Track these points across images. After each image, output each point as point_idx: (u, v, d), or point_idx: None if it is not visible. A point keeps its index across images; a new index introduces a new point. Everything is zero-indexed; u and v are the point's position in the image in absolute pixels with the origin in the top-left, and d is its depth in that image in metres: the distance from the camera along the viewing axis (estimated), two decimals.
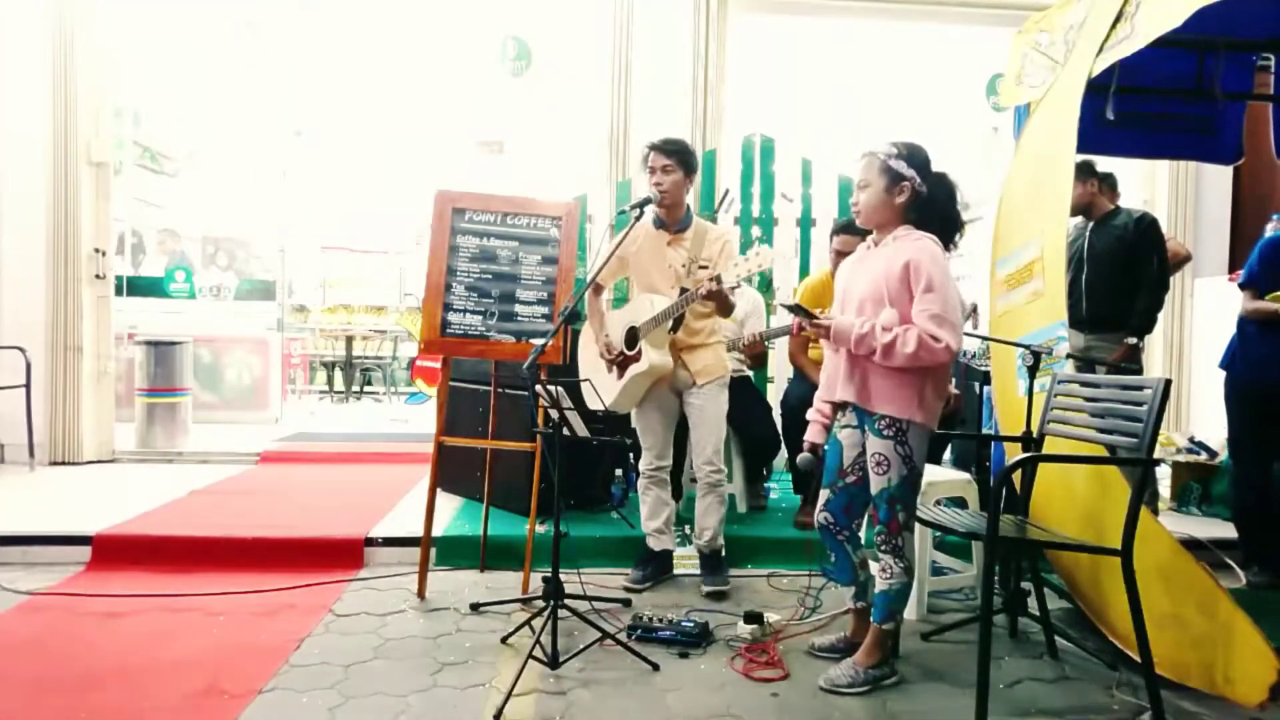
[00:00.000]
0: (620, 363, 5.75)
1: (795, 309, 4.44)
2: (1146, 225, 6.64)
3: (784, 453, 7.24)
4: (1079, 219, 6.91)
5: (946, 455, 7.57)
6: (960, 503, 5.61)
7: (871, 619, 4.49)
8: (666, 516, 6.00)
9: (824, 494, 4.68)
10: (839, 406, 4.64)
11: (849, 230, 6.40)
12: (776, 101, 12.24)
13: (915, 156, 4.38)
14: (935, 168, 4.43)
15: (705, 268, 5.68)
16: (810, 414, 4.74)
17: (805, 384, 6.80)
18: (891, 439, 4.28)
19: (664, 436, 5.94)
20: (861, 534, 4.73)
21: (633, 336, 5.71)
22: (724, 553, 6.01)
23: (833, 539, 4.67)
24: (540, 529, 6.27)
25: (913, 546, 4.41)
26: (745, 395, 6.95)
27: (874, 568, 4.51)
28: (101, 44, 8.93)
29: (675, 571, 6.12)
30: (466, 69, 11.98)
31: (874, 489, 4.37)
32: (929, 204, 4.37)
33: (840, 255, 6.39)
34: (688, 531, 6.71)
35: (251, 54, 13.61)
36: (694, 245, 5.72)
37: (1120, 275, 6.61)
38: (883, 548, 4.37)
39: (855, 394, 4.39)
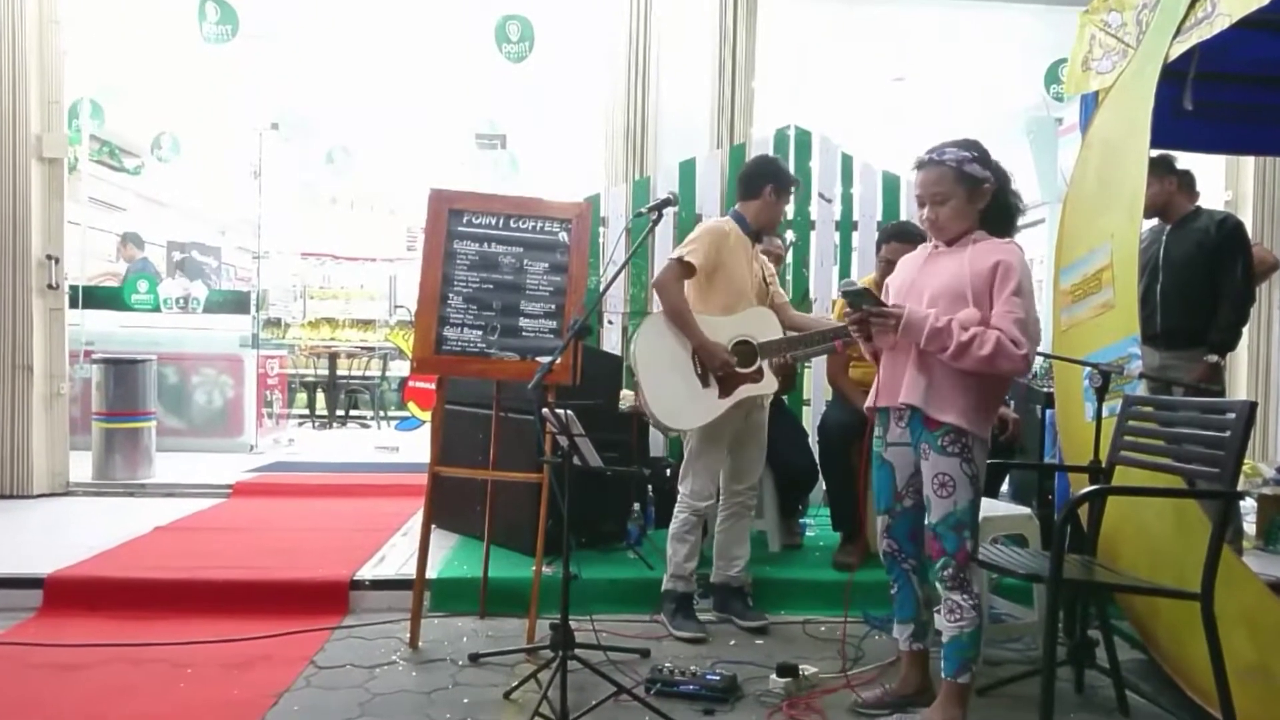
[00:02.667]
0: (731, 379, 5.76)
1: (857, 295, 4.43)
2: (1230, 229, 6.61)
3: (821, 484, 7.25)
4: (1154, 222, 6.89)
5: (1004, 488, 7.58)
6: (1020, 541, 5.61)
7: (944, 675, 4.41)
8: (698, 554, 6.09)
9: (882, 520, 4.69)
10: (885, 421, 4.64)
11: (901, 237, 6.40)
12: (813, 91, 12.25)
13: (985, 155, 4.43)
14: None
15: (770, 281, 6.12)
16: None
17: (846, 409, 6.80)
18: (957, 456, 4.27)
19: (720, 467, 6.05)
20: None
21: (747, 352, 5.78)
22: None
23: (898, 568, 4.70)
24: (548, 570, 6.26)
25: (980, 580, 4.41)
26: (779, 420, 6.88)
27: (939, 619, 4.47)
28: (55, 23, 8.95)
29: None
30: (462, 53, 11.99)
31: (936, 515, 4.35)
32: (1001, 202, 4.45)
33: (889, 265, 6.40)
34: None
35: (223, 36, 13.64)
36: (760, 260, 6.14)
37: (1199, 285, 6.58)
38: (950, 584, 4.34)
39: (921, 396, 4.36)
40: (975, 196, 4.38)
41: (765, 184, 5.99)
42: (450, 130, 16.04)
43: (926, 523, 4.42)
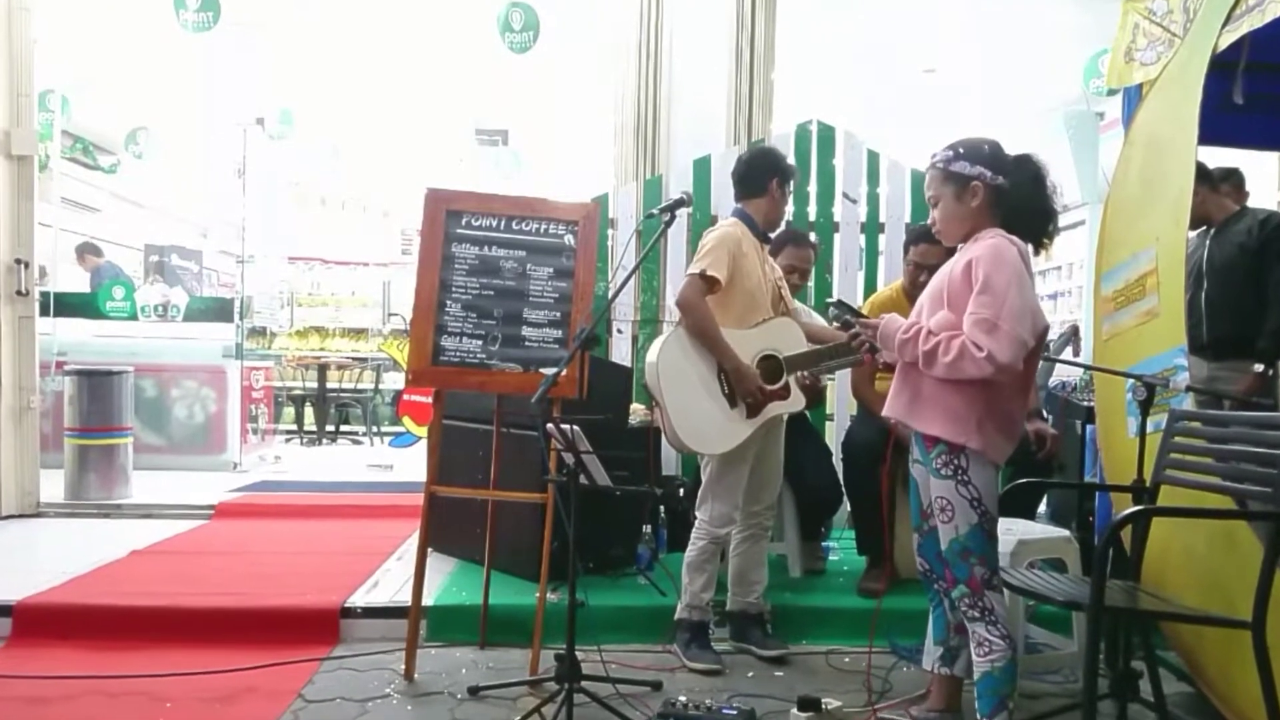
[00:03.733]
0: (761, 400, 5.75)
1: (839, 306, 4.52)
2: (1273, 228, 6.59)
3: (846, 505, 7.24)
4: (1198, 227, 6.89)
5: (1042, 509, 7.57)
6: (1058, 565, 5.61)
7: (979, 715, 4.36)
8: (714, 583, 6.09)
9: (914, 538, 4.73)
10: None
11: (929, 238, 6.37)
12: (837, 84, 12.26)
13: (976, 151, 4.44)
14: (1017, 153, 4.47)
15: (782, 286, 6.11)
16: None
17: (871, 424, 6.76)
18: (951, 478, 4.31)
19: (742, 490, 6.01)
20: None
21: (772, 367, 5.79)
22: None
23: (930, 587, 4.75)
24: (553, 597, 6.26)
25: (1005, 608, 4.40)
26: (800, 437, 6.91)
27: (973, 655, 4.46)
28: (25, 10, 8.94)
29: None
30: (462, 44, 12.02)
31: (943, 541, 4.39)
32: (1014, 197, 4.40)
33: (919, 268, 6.40)
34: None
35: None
36: (770, 263, 6.10)
37: (1245, 290, 6.57)
38: (970, 613, 4.35)
39: (904, 409, 4.46)
40: (964, 195, 4.42)
41: (769, 178, 5.99)
42: (449, 125, 16.09)
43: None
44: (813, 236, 8.28)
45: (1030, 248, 4.38)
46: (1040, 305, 4.31)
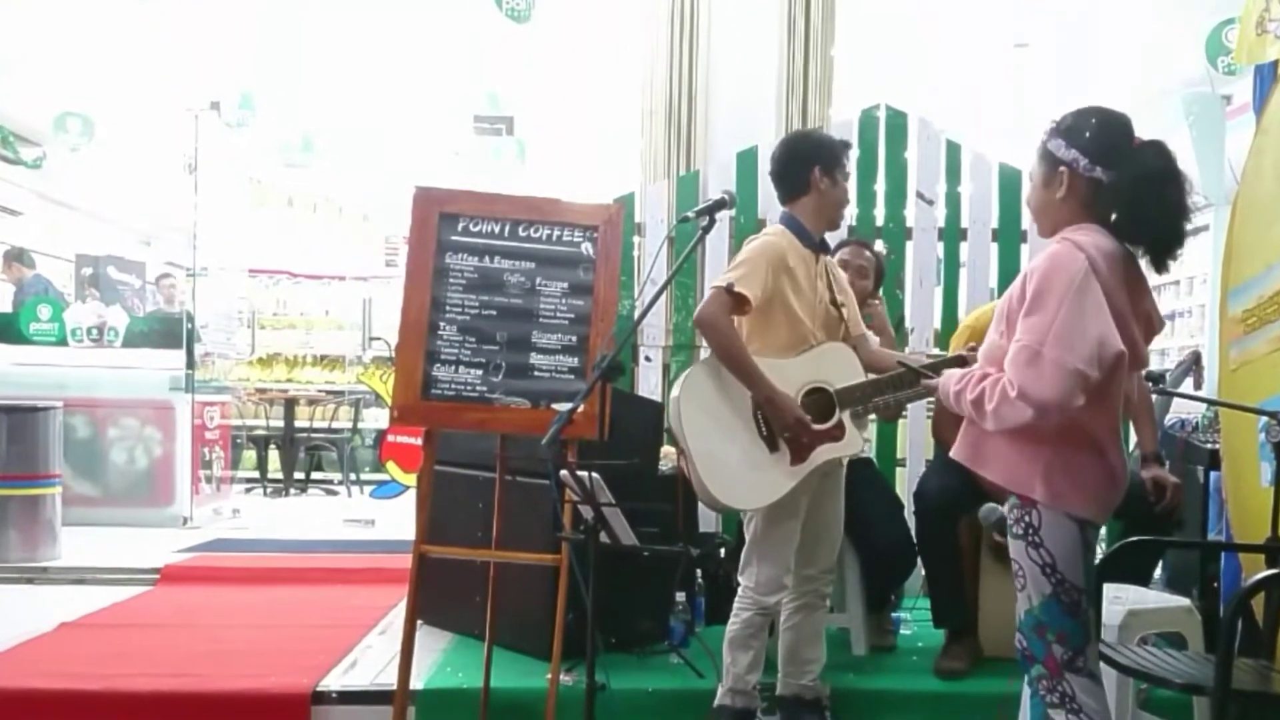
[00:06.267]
0: (805, 441, 5.59)
1: (903, 368, 4.53)
2: None
3: (920, 569, 7.24)
4: None
5: (1158, 573, 7.57)
6: (1177, 641, 5.62)
7: None
8: (763, 662, 6.02)
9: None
10: None
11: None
12: (909, 61, 12.27)
13: (1076, 130, 4.36)
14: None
15: (843, 306, 5.87)
16: None
17: (950, 470, 6.69)
18: (1021, 538, 4.28)
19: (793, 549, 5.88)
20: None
21: (819, 403, 5.63)
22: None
23: (1027, 669, 4.57)
24: (566, 679, 6.30)
25: (1099, 696, 4.37)
26: (864, 486, 6.85)
27: None
28: None
29: None
30: (456, 13, 12.07)
31: (1020, 610, 4.37)
32: (1123, 196, 4.29)
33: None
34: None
35: None
36: (830, 276, 5.92)
37: None
38: (1048, 698, 4.31)
39: (967, 452, 4.46)
40: (1050, 182, 4.38)
41: (808, 169, 5.77)
42: (441, 111, 16.11)
43: None
44: (880, 245, 8.28)
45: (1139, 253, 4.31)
46: (1111, 325, 4.09)
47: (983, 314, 6.85)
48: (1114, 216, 4.33)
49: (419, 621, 6.07)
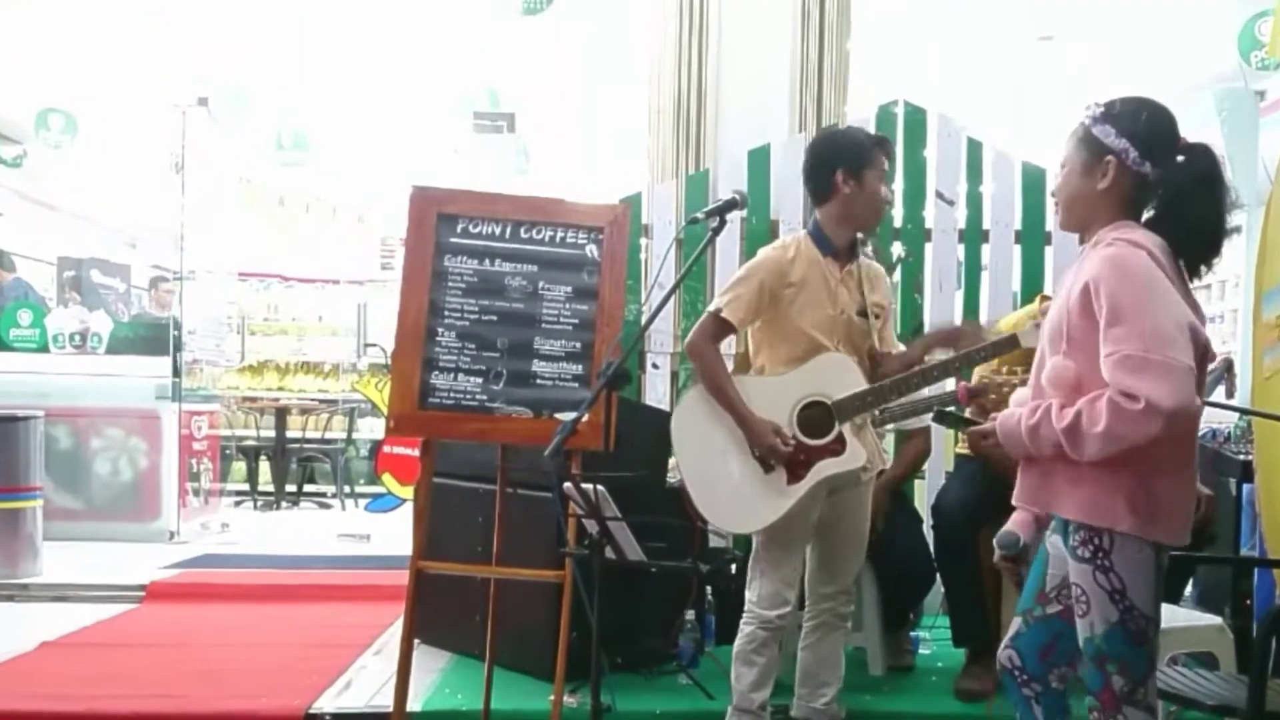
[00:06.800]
0: (801, 458, 5.57)
1: (940, 419, 4.46)
2: None
3: (939, 585, 7.23)
4: None
5: (1188, 590, 7.57)
6: (1208, 661, 5.61)
7: None
8: (772, 681, 5.99)
9: (1015, 621, 4.60)
10: None
11: None
12: (928, 55, 12.28)
13: (1130, 118, 4.20)
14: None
15: (879, 317, 5.81)
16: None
17: (973, 480, 6.73)
18: (1089, 562, 4.10)
19: (797, 565, 5.90)
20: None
21: (818, 417, 5.59)
22: None
23: (1017, 692, 4.55)
24: (571, 700, 6.30)
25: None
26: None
27: None
28: None
29: None
30: (456, 4, 12.08)
31: (1079, 637, 4.23)
32: (1165, 197, 4.18)
33: None
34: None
35: None
36: (865, 283, 5.82)
37: None
38: None
39: (1030, 495, 4.33)
40: (1093, 170, 4.20)
41: (830, 172, 5.68)
42: (439, 108, 16.11)
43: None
44: (898, 247, 8.28)
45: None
46: (1192, 316, 3.96)
47: (1007, 323, 6.80)
48: (1150, 215, 4.21)
49: (416, 640, 6.08)
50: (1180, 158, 4.14)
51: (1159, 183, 4.15)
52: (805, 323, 5.63)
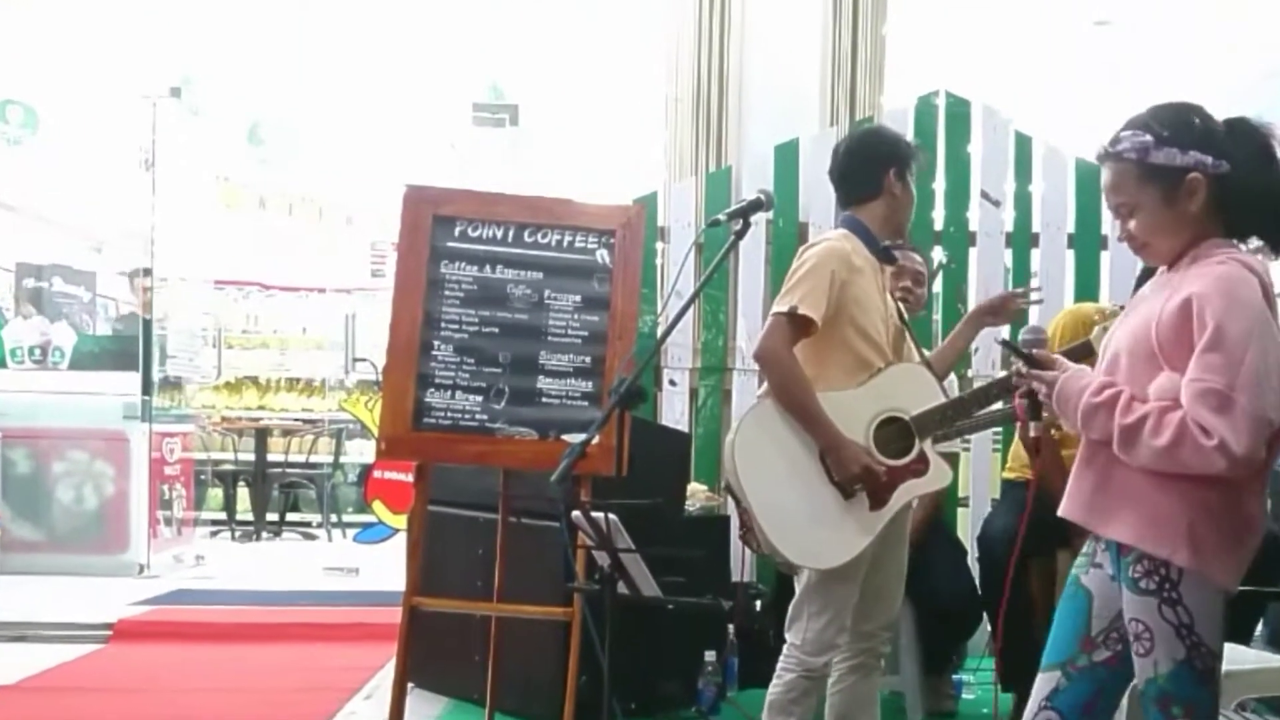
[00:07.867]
0: (884, 481, 5.45)
1: (1007, 347, 4.42)
2: None
3: (985, 624, 7.22)
4: None
5: (1258, 629, 7.56)
6: (1277, 706, 5.61)
7: None
8: None
9: (1049, 678, 4.36)
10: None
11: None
12: (972, 42, 12.29)
13: (1183, 129, 4.06)
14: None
15: (909, 324, 5.82)
16: None
17: (1019, 510, 6.66)
18: (1153, 594, 3.98)
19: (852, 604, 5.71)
20: None
21: (893, 434, 5.51)
22: None
23: None
24: None
25: None
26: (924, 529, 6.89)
27: None
28: None
29: None
30: None
31: (1138, 678, 4.13)
32: (1240, 185, 4.02)
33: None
34: None
35: None
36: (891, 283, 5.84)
37: None
38: None
39: (1082, 508, 4.17)
40: (1177, 197, 4.01)
41: (884, 169, 5.63)
42: (436, 99, 16.13)
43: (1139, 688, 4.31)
44: (939, 251, 8.26)
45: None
46: None
47: (1080, 313, 6.77)
48: (1228, 215, 4.05)
49: (410, 684, 6.09)
50: (1231, 139, 4.04)
51: (1231, 175, 4.00)
52: (865, 324, 5.54)
